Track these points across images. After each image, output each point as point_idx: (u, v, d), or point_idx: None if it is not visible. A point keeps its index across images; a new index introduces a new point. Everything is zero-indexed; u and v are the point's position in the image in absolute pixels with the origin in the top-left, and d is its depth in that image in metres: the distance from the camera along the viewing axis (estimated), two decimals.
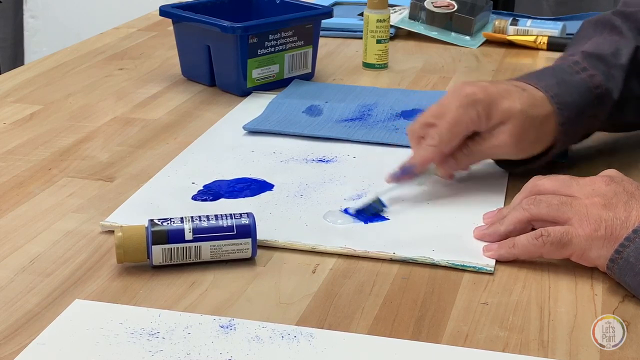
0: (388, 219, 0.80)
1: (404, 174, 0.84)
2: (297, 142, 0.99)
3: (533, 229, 0.73)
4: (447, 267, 0.73)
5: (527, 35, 1.41)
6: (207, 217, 0.73)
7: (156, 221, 0.72)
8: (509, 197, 0.85)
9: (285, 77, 1.19)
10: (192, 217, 0.72)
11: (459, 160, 0.85)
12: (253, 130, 1.02)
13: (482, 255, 0.74)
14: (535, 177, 0.77)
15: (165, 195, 0.85)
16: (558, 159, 0.91)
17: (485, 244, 0.75)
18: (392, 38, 1.41)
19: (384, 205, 0.82)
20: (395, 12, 1.51)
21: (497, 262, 0.73)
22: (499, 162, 0.91)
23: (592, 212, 0.70)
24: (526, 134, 0.84)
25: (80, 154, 0.96)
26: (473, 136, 0.84)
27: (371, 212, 0.81)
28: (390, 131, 1.02)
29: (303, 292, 0.69)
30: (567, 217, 0.71)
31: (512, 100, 0.83)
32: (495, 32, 1.43)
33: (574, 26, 1.46)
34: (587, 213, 0.71)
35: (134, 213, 0.81)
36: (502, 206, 0.82)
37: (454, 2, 1.45)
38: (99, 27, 1.64)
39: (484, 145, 0.84)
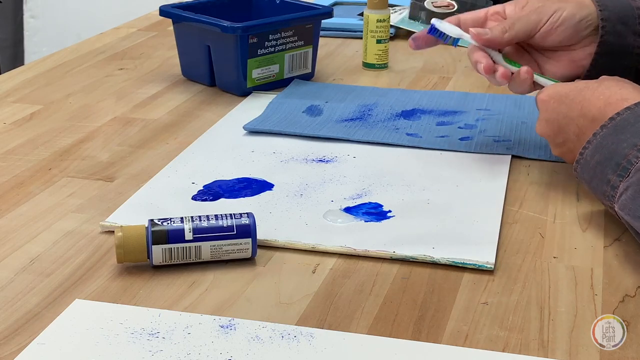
0: (388, 218, 0.81)
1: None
2: (297, 142, 0.99)
3: None
4: (447, 265, 0.73)
5: None
6: (207, 217, 0.73)
7: (156, 221, 0.72)
8: (509, 197, 0.85)
9: (285, 77, 1.19)
10: (192, 217, 0.72)
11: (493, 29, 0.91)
12: (253, 130, 1.02)
13: (482, 253, 0.74)
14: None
15: (165, 195, 0.85)
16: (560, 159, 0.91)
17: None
18: (392, 38, 1.41)
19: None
20: (395, 12, 1.51)
21: (497, 261, 0.73)
22: None
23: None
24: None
25: (80, 154, 0.96)
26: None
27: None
28: (390, 131, 1.02)
29: (303, 292, 0.69)
30: None
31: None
32: None
33: None
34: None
35: (134, 213, 0.81)
36: (502, 205, 0.82)
37: (454, 2, 1.45)
38: (99, 27, 1.65)
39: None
